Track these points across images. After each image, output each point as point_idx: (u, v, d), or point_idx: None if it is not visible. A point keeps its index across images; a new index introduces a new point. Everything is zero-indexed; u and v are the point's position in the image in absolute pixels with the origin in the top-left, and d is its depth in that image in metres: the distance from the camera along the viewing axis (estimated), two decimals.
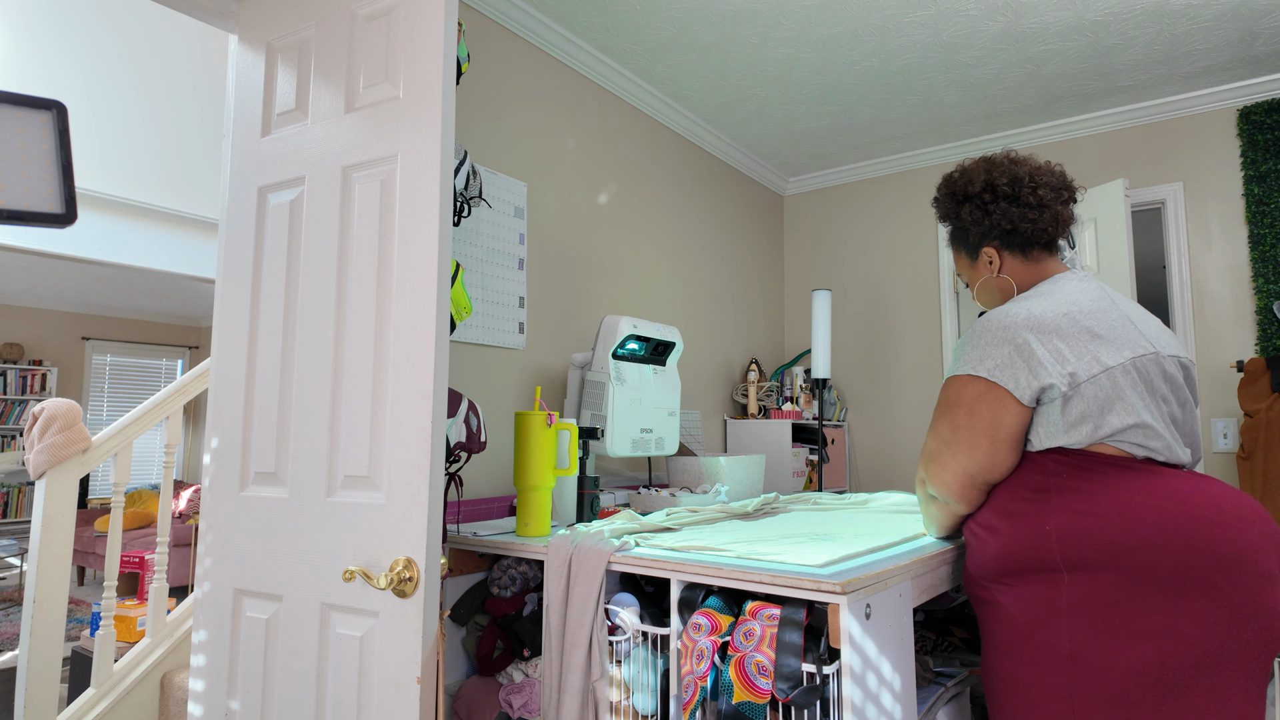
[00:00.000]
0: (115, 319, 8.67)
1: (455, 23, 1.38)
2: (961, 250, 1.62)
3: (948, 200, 1.58)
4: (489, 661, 1.69)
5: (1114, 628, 1.21)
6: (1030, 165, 1.52)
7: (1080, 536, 1.25)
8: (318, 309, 1.44)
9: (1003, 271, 1.54)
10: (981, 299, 1.62)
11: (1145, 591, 1.20)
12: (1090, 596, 1.23)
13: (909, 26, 2.52)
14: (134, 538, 5.23)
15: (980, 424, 1.35)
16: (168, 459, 2.75)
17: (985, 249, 1.55)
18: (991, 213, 1.51)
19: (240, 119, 1.62)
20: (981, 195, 1.52)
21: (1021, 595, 1.30)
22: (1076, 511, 1.28)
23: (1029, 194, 1.48)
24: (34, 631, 2.29)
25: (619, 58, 2.74)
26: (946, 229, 1.66)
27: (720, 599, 1.35)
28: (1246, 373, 2.80)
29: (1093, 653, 1.21)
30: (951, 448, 1.38)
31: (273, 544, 1.43)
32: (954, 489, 1.40)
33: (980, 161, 1.56)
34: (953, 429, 1.38)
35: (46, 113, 0.95)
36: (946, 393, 1.42)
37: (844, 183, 3.89)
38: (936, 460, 1.42)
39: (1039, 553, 1.28)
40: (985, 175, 1.53)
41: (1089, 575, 1.24)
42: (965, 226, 1.57)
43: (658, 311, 3.03)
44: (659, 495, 2.21)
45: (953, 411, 1.39)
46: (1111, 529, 1.23)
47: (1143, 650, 1.18)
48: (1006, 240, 1.52)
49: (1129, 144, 3.19)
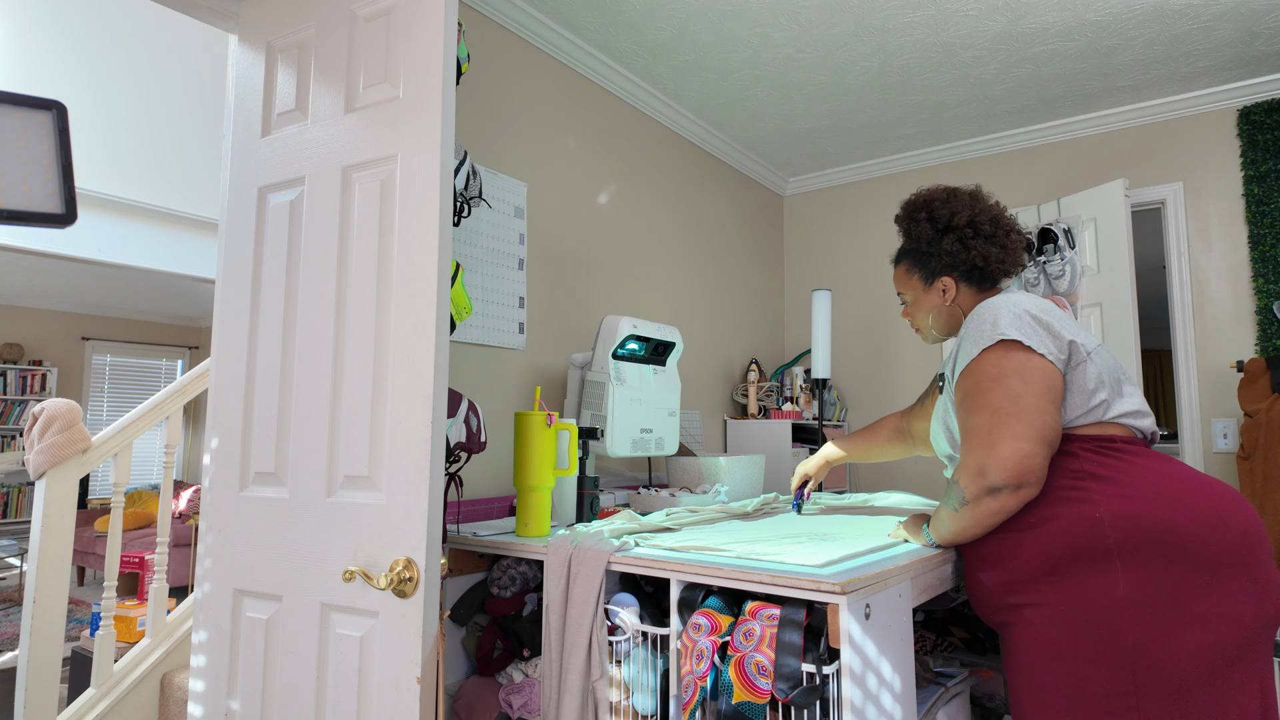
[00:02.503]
0: (115, 319, 8.67)
1: (455, 23, 1.38)
2: (916, 272, 1.61)
3: (926, 225, 1.57)
4: (489, 661, 1.69)
5: (1172, 615, 1.19)
6: (999, 207, 1.57)
7: (1132, 521, 1.22)
8: (318, 309, 1.44)
9: (956, 302, 1.57)
10: (923, 322, 1.62)
11: (1194, 575, 1.20)
12: (1148, 584, 1.20)
13: (909, 26, 2.52)
14: (134, 538, 5.23)
15: (1036, 386, 1.28)
16: (168, 459, 2.75)
17: (944, 278, 1.57)
18: (970, 248, 1.52)
19: (240, 119, 1.62)
20: (964, 230, 1.53)
21: (1074, 591, 1.25)
22: (1121, 496, 1.25)
23: (1003, 236, 1.53)
24: (34, 631, 2.29)
25: (619, 58, 2.74)
26: (905, 246, 1.65)
27: (720, 599, 1.35)
28: (1246, 373, 2.80)
29: (1155, 644, 1.18)
30: (1016, 417, 1.26)
31: (273, 544, 1.43)
32: (1025, 462, 1.25)
33: (960, 194, 1.57)
34: (1010, 398, 1.28)
35: (46, 113, 0.95)
36: (982, 369, 1.33)
37: (844, 183, 3.89)
38: (993, 438, 1.27)
39: (1091, 542, 1.24)
40: (970, 211, 1.54)
41: (1143, 562, 1.21)
42: (931, 253, 1.57)
43: (658, 311, 3.03)
44: (659, 495, 2.21)
45: (1001, 382, 1.30)
46: (1159, 512, 1.22)
47: (1200, 637, 1.18)
48: (969, 274, 1.55)
49: (1129, 144, 3.19)
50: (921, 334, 1.65)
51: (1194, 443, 2.99)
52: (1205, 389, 2.99)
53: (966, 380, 1.36)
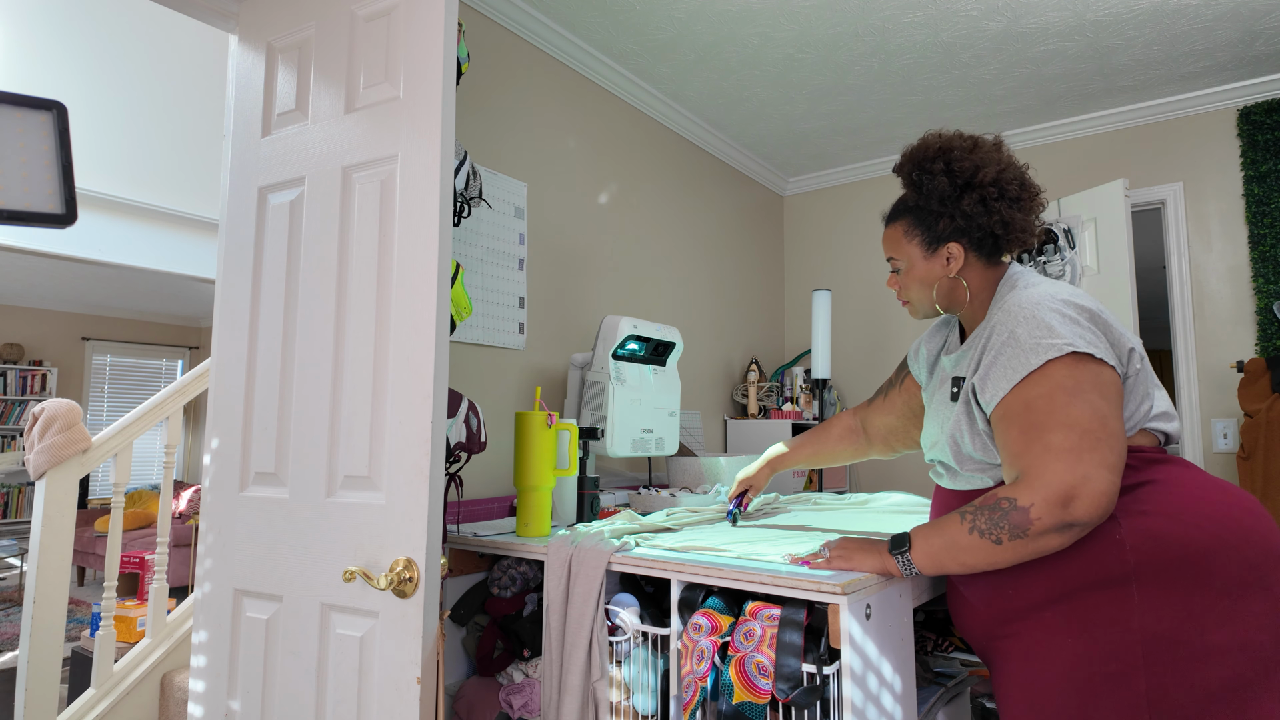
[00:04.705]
0: (115, 319, 8.67)
1: (455, 23, 1.38)
2: (917, 235, 1.33)
3: (943, 178, 1.28)
4: (489, 662, 1.69)
5: (1191, 648, 1.05)
6: (1025, 167, 1.33)
7: (1153, 540, 1.08)
8: (318, 309, 1.44)
9: (962, 274, 1.32)
10: (918, 294, 1.36)
11: (1214, 600, 1.06)
12: (1166, 613, 1.06)
13: (909, 26, 2.52)
14: (134, 538, 5.22)
15: (1115, 405, 1.10)
16: (168, 459, 2.75)
17: (951, 244, 1.31)
18: (993, 212, 1.27)
19: (240, 119, 1.62)
20: (989, 188, 1.27)
21: (1080, 620, 1.10)
22: (1140, 511, 1.10)
23: (1029, 201, 1.29)
24: (34, 631, 2.29)
25: (619, 58, 2.74)
26: (904, 203, 1.37)
27: (720, 599, 1.35)
28: (1246, 373, 2.80)
29: (1172, 683, 1.05)
30: (1106, 442, 1.06)
31: (273, 544, 1.43)
32: (1112, 502, 1.06)
33: (985, 145, 1.30)
34: (1097, 417, 1.07)
35: (46, 113, 0.95)
36: (1052, 379, 1.11)
37: (844, 183, 3.89)
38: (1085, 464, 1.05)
39: (1109, 567, 1.09)
40: (998, 168, 1.27)
41: (1162, 587, 1.07)
42: (942, 213, 1.30)
43: (658, 311, 3.03)
44: (659, 495, 2.21)
45: (1081, 396, 1.09)
46: (1183, 529, 1.08)
47: (1220, 673, 1.04)
48: (980, 243, 1.30)
49: (1129, 144, 3.19)
50: (911, 308, 1.40)
51: (1194, 443, 2.99)
52: (1205, 389, 2.99)
53: (1030, 390, 1.12)
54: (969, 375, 1.25)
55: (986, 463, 1.23)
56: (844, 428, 1.71)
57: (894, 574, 1.23)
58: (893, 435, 1.64)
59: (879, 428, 1.65)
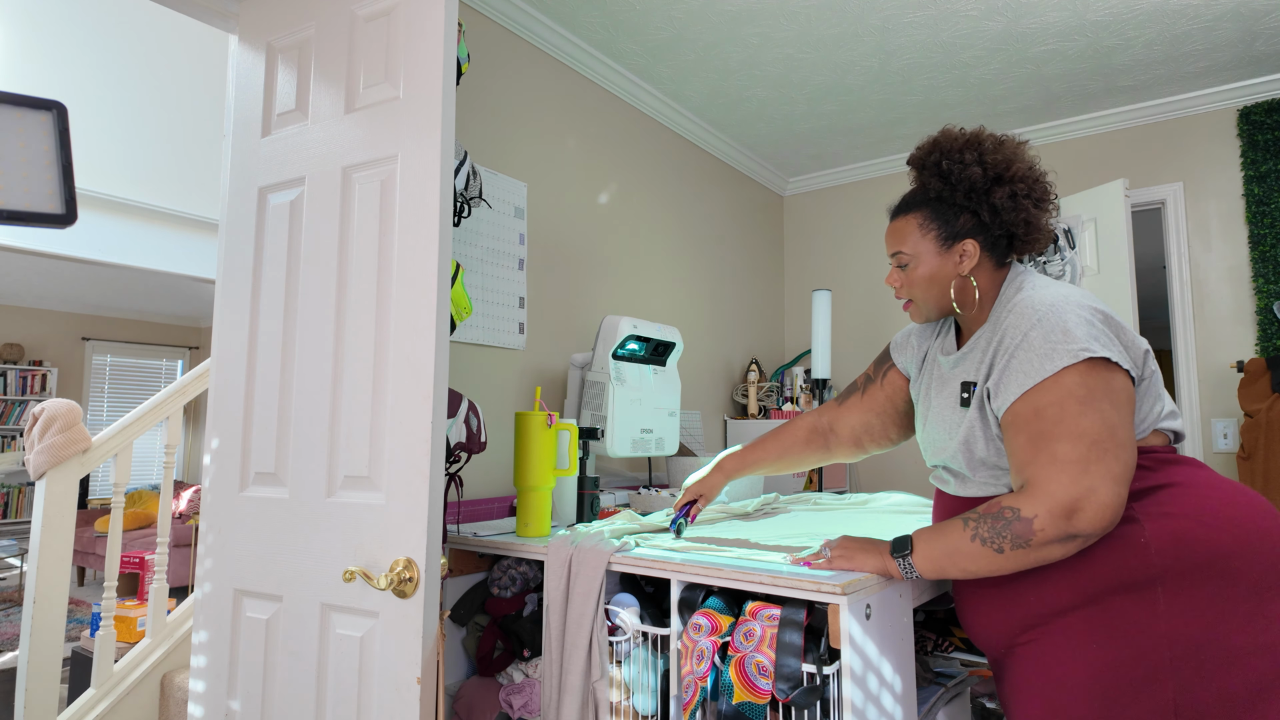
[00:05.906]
0: (115, 319, 8.67)
1: (455, 23, 1.38)
2: (934, 229, 1.28)
3: (975, 168, 1.23)
4: (489, 662, 1.69)
5: (1217, 651, 1.05)
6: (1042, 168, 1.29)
7: (1179, 542, 1.07)
8: (318, 309, 1.44)
9: (972, 274, 1.27)
10: (926, 293, 1.31)
11: (1237, 603, 1.06)
12: (1192, 616, 1.05)
13: (909, 26, 2.52)
14: (134, 538, 5.23)
15: (1125, 413, 1.09)
16: (168, 459, 2.75)
17: (968, 241, 1.26)
18: (1021, 209, 1.23)
19: (240, 119, 1.62)
20: (1018, 185, 1.23)
21: (1105, 624, 1.08)
22: (1164, 514, 1.09)
23: (1048, 203, 1.26)
24: (34, 632, 2.29)
25: (619, 58, 2.74)
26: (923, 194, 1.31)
27: (720, 599, 1.35)
28: (1246, 373, 2.80)
29: (1198, 686, 1.04)
30: (1114, 453, 1.06)
31: (273, 544, 1.43)
32: (1117, 513, 1.06)
33: (1013, 143, 1.26)
34: (1106, 427, 1.07)
35: (46, 113, 0.95)
36: (1065, 387, 1.09)
37: (844, 183, 3.89)
38: (1092, 475, 1.05)
39: (1135, 571, 1.08)
40: (1028, 165, 1.24)
41: (1188, 589, 1.06)
42: (966, 207, 1.26)
43: (658, 311, 3.03)
44: (659, 495, 2.21)
45: (1092, 405, 1.07)
46: (1207, 531, 1.07)
47: (1243, 676, 1.04)
48: (996, 243, 1.27)
49: (1129, 144, 3.19)
50: (915, 309, 1.34)
51: (1194, 443, 2.99)
52: (1205, 389, 2.99)
53: (1041, 397, 1.10)
54: (981, 381, 1.21)
55: (1001, 467, 1.21)
56: (809, 429, 1.60)
57: (894, 575, 1.23)
58: (867, 435, 1.55)
59: (852, 427, 1.55)
